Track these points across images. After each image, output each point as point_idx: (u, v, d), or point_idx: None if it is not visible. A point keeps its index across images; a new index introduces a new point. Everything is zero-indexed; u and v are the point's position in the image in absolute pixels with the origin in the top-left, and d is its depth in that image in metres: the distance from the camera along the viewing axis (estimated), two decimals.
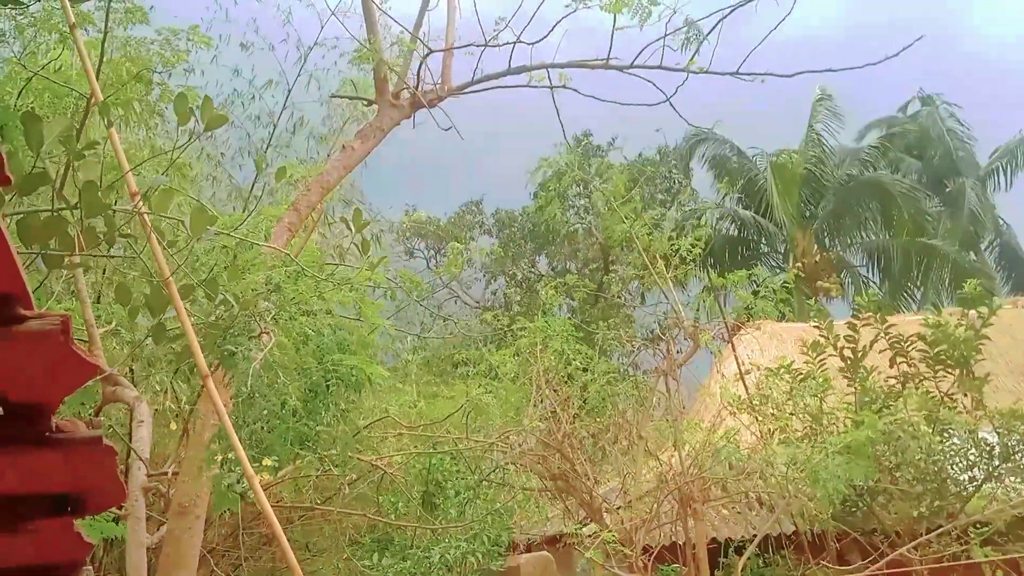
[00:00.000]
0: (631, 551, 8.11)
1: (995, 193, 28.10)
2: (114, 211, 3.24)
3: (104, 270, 7.67)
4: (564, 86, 6.47)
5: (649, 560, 8.44)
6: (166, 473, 6.01)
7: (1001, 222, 27.93)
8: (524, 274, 25.51)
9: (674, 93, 5.86)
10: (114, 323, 6.94)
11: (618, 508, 8.86)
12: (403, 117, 6.87)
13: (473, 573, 8.67)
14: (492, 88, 6.83)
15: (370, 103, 7.22)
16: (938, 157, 28.03)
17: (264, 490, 7.20)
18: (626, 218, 11.67)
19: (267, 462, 4.47)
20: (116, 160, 4.18)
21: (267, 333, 4.92)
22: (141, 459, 5.96)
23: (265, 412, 5.02)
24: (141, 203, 3.41)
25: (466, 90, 6.94)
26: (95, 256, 3.57)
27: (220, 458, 4.32)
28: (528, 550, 11.38)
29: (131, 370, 7.50)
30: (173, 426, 7.15)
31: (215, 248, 4.85)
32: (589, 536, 8.42)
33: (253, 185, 9.42)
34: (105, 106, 3.27)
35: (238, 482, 4.36)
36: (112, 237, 3.13)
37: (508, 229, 25.59)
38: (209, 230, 3.55)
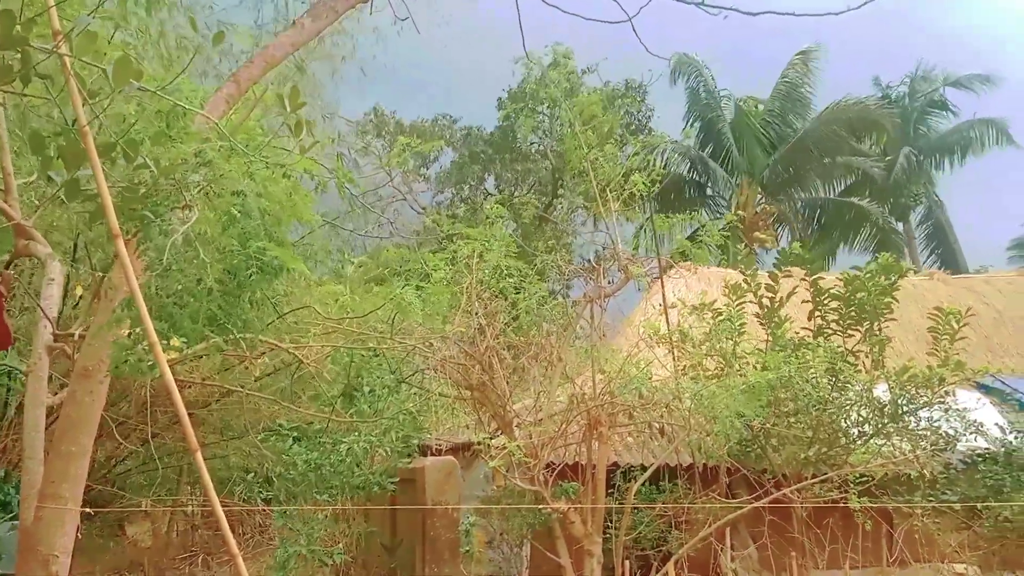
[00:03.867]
0: (534, 465, 8.37)
1: (937, 171, 28.98)
2: (31, 47, 3.05)
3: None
4: None
5: (551, 476, 8.75)
6: (73, 335, 5.90)
7: (935, 198, 28.84)
8: (471, 190, 25.37)
9: (636, 14, 5.78)
10: (35, 176, 6.65)
11: (529, 424, 9.10)
12: (360, 1, 6.61)
13: (380, 469, 8.88)
14: None
15: None
16: (891, 127, 28.64)
17: (173, 366, 7.14)
18: (587, 145, 11.59)
19: (175, 342, 4.38)
20: None
21: (191, 206, 4.77)
22: (48, 318, 5.83)
23: (179, 287, 4.90)
24: (62, 43, 3.22)
25: None
26: (6, 92, 3.38)
27: (126, 325, 4.24)
28: (436, 454, 11.66)
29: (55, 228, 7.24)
30: (79, 290, 6.97)
31: (143, 109, 4.64)
32: (497, 447, 8.66)
33: (194, 54, 9.00)
34: None
35: (145, 352, 4.28)
36: (27, 75, 2.96)
37: (475, 145, 25.28)
38: (133, 84, 3.38)
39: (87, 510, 5.33)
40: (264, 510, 9.70)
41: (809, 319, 9.23)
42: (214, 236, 4.95)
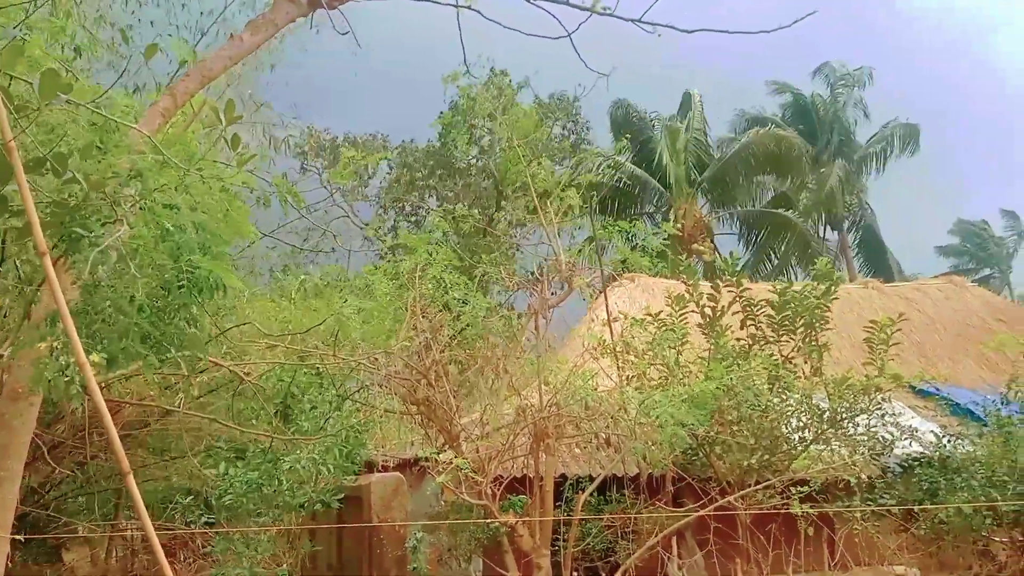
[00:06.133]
0: (482, 479, 8.33)
1: (866, 177, 29.93)
2: None
3: None
4: (469, 7, 6.34)
5: (499, 489, 8.72)
6: (1, 355, 5.66)
7: (866, 206, 29.78)
8: (414, 206, 25.30)
9: (575, 30, 5.83)
10: None
11: (476, 438, 9.06)
12: (299, 14, 6.50)
13: (325, 487, 8.72)
14: None
15: None
16: (821, 136, 29.53)
17: (107, 386, 6.87)
18: (525, 158, 11.67)
19: (95, 358, 4.23)
20: None
21: (122, 220, 4.64)
22: None
23: (108, 304, 4.73)
24: None
25: None
26: None
27: (51, 341, 4.08)
28: (383, 471, 11.53)
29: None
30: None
31: (65, 125, 4.50)
32: (444, 462, 8.60)
33: (128, 62, 8.80)
34: None
35: (69, 368, 4.12)
36: None
37: (409, 159, 25.25)
38: (61, 97, 3.29)
39: (18, 537, 5.11)
40: (205, 533, 9.45)
41: (742, 327, 9.40)
42: (147, 251, 4.82)
